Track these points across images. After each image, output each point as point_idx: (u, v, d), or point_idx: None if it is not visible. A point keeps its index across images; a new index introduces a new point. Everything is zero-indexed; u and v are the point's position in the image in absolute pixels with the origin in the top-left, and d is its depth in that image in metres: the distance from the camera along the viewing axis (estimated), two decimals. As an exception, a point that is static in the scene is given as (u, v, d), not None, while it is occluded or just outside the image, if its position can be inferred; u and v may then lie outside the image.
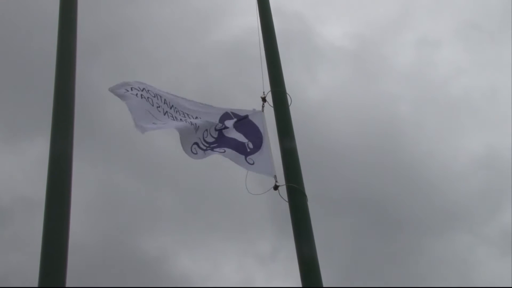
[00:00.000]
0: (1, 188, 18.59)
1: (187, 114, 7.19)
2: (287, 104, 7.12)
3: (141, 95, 6.85)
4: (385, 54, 24.25)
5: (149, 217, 19.05)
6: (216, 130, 7.14)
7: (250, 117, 7.47)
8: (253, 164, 6.95)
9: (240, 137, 7.23)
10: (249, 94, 7.57)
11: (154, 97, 7.01)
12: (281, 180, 6.46)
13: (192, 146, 6.74)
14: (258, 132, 7.31)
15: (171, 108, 7.12)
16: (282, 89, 7.23)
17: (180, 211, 19.40)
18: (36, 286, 4.60)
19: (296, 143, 6.78)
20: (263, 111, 7.41)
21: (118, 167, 19.55)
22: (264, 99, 7.33)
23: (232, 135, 7.25)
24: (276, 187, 6.44)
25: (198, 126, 6.88)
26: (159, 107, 6.98)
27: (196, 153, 6.75)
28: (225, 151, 6.93)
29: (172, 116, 7.00)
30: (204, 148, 6.85)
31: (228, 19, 22.61)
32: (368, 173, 19.82)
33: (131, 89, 6.85)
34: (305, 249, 5.81)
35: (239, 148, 7.08)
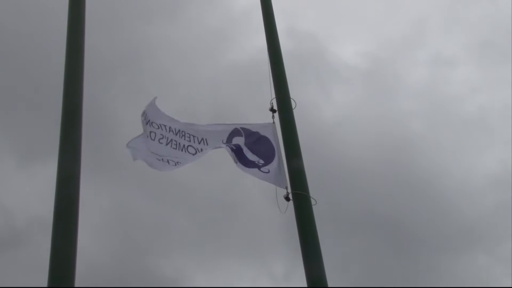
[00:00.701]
0: (17, 210, 18.75)
1: (194, 137, 7.27)
2: (291, 108, 7.17)
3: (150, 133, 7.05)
4: (399, 72, 24.26)
5: (164, 238, 19.07)
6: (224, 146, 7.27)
7: (261, 133, 7.49)
8: (268, 173, 7.04)
9: (251, 155, 7.28)
10: (262, 112, 7.58)
11: (158, 128, 7.16)
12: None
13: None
14: (270, 145, 7.34)
15: (176, 134, 7.24)
16: (285, 94, 7.25)
17: (194, 232, 19.41)
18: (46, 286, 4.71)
19: (299, 143, 6.82)
20: (273, 122, 7.42)
21: (134, 188, 19.64)
22: (273, 110, 7.34)
23: (241, 153, 7.31)
24: (287, 198, 6.54)
25: (202, 150, 7.03)
26: (161, 138, 7.14)
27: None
28: (236, 163, 7.05)
29: (176, 144, 7.14)
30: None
31: (242, 39, 22.81)
32: (383, 191, 19.72)
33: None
34: (314, 270, 5.85)
35: (249, 164, 7.16)
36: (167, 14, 23.12)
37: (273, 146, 7.30)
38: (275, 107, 7.31)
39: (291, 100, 7.25)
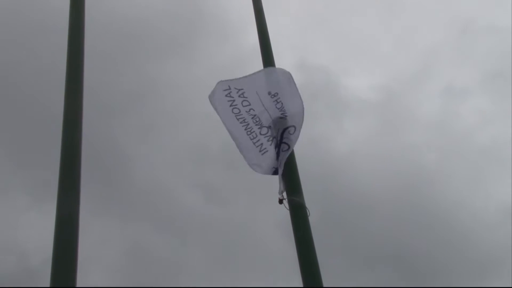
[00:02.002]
0: (32, 249, 18.83)
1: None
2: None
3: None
4: (411, 104, 24.32)
5: (177, 274, 19.05)
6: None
7: None
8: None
9: None
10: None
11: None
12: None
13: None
14: None
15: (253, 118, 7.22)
16: None
17: (208, 266, 19.37)
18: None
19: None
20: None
21: (146, 224, 19.70)
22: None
23: None
24: (280, 201, 6.61)
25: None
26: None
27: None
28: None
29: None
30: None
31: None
32: (396, 223, 19.64)
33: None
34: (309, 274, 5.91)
35: None
36: (177, 51, 23.46)
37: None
38: None
39: None
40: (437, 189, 20.86)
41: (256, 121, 7.17)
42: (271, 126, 7.12)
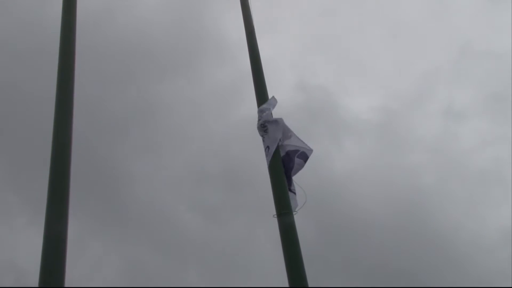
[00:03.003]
0: (29, 267, 18.84)
1: None
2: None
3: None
4: (410, 126, 24.37)
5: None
6: None
7: None
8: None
9: None
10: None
11: None
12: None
13: None
14: None
15: None
16: None
17: (206, 285, 19.32)
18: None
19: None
20: None
21: (145, 243, 19.71)
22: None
23: None
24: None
25: None
26: None
27: None
28: None
29: None
30: None
31: (253, 94, 23.02)
32: (395, 244, 19.59)
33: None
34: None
35: None
36: (179, 70, 23.63)
37: None
38: None
39: None
40: (436, 210, 20.85)
41: None
42: None
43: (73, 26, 6.99)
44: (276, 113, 7.79)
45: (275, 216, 6.86)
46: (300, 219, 7.06)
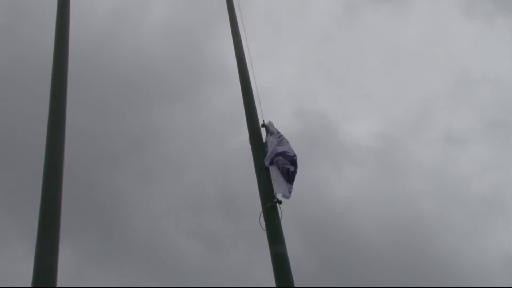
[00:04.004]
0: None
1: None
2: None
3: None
4: (410, 152, 24.39)
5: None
6: None
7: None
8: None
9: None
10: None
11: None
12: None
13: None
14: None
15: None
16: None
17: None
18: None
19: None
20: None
21: (144, 272, 19.63)
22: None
23: None
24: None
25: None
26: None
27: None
28: None
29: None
30: None
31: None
32: (395, 271, 19.50)
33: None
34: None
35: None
36: (178, 98, 23.76)
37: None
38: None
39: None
40: (436, 236, 20.78)
41: None
42: None
43: (65, 55, 7.07)
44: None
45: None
46: (298, 247, 7.08)
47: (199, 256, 19.94)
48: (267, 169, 7.57)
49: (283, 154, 7.51)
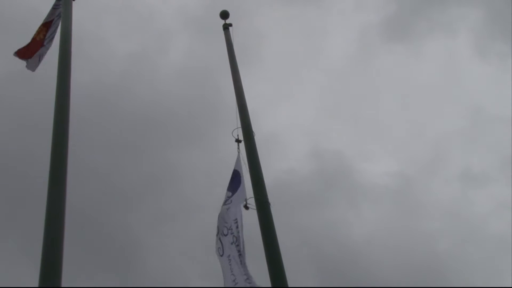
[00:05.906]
0: None
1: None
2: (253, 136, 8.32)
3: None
4: (427, 191, 24.30)
5: None
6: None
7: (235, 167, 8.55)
8: (231, 203, 8.17)
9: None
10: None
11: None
12: None
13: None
14: (237, 173, 8.40)
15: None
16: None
17: None
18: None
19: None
20: (238, 152, 8.59)
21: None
22: (238, 141, 8.60)
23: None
24: (246, 207, 7.75)
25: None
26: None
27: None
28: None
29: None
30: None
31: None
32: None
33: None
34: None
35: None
36: (193, 139, 24.01)
37: (239, 172, 8.37)
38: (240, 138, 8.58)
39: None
40: (453, 275, 20.54)
41: None
42: None
43: (67, 94, 7.31)
44: (291, 180, 8.16)
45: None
46: (316, 283, 7.14)
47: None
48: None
49: None
